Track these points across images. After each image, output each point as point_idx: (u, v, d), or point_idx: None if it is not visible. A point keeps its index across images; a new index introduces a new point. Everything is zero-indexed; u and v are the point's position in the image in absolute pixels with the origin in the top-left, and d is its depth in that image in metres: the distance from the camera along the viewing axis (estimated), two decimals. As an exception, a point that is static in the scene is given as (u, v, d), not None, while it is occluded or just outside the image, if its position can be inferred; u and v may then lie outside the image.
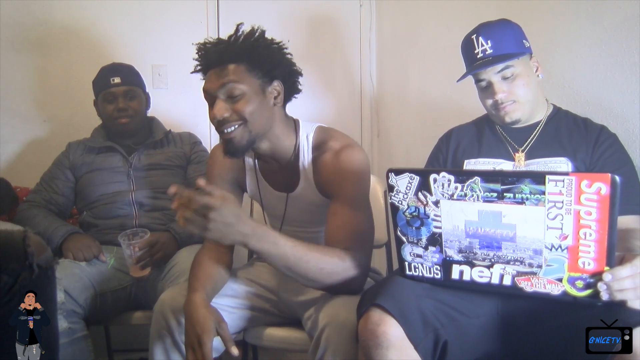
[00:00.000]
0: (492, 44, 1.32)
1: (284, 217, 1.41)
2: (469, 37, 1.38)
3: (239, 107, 1.20)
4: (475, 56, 1.35)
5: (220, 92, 1.21)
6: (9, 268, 0.97)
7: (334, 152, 1.28)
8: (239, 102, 1.21)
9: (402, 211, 1.10)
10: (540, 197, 0.95)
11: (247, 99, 1.21)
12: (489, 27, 1.35)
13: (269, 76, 1.25)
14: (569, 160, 1.30)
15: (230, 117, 1.21)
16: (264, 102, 1.24)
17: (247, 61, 1.22)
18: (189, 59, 2.33)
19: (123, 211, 1.78)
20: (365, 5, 2.53)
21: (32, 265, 0.99)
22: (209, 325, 1.15)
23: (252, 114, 1.21)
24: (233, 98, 1.21)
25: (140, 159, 1.87)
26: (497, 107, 1.36)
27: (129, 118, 1.86)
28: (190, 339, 1.16)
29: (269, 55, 1.25)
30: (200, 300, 1.20)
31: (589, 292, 0.96)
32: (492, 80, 1.34)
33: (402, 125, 2.40)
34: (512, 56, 1.31)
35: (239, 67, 1.22)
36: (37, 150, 2.17)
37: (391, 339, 1.02)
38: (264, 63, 1.24)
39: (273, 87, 1.26)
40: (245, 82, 1.21)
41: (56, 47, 2.21)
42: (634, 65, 1.38)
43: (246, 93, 1.21)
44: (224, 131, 1.22)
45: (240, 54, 1.22)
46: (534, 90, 1.35)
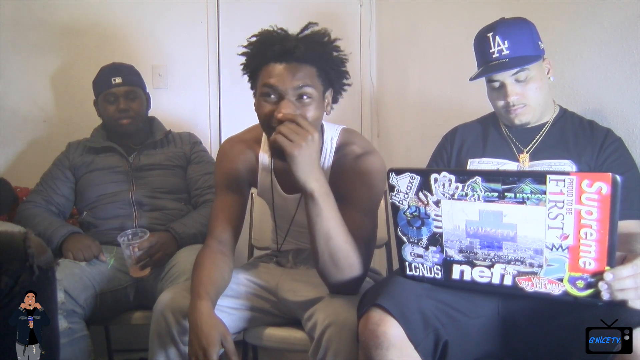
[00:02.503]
0: (509, 44, 1.29)
1: (293, 219, 1.41)
2: (484, 34, 1.34)
3: (306, 111, 1.16)
4: (491, 55, 1.31)
5: (292, 92, 1.16)
6: (9, 269, 0.97)
7: (354, 157, 1.28)
8: (307, 107, 1.16)
9: (403, 211, 1.10)
10: (541, 196, 0.95)
11: (313, 104, 1.17)
12: (507, 26, 1.32)
13: (328, 83, 1.23)
14: (574, 162, 1.29)
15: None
16: (321, 108, 1.21)
17: (318, 65, 1.19)
18: (189, 59, 2.36)
19: (123, 211, 1.78)
20: (365, 5, 2.53)
21: (32, 266, 0.99)
22: (214, 337, 1.12)
23: (315, 120, 1.18)
24: (301, 100, 1.16)
25: (140, 159, 1.86)
26: (508, 109, 1.34)
27: (130, 119, 1.85)
28: (194, 349, 1.13)
29: (336, 64, 1.23)
30: (207, 309, 1.17)
31: (590, 292, 0.96)
32: (505, 82, 1.31)
33: (402, 125, 2.40)
34: (529, 60, 1.28)
35: (311, 70, 1.18)
36: (37, 150, 2.17)
37: (391, 339, 1.02)
38: (330, 71, 1.22)
39: (327, 94, 1.24)
40: (316, 87, 1.18)
41: (56, 47, 2.21)
42: (634, 65, 1.38)
43: (314, 98, 1.18)
44: None
45: (314, 56, 1.18)
46: (545, 94, 1.34)
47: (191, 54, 2.36)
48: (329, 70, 1.21)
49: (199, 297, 1.18)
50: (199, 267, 1.27)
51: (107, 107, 1.85)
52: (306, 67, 1.17)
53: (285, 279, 1.42)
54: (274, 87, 1.16)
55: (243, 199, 1.40)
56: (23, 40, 2.17)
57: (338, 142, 1.33)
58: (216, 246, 1.33)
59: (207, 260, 1.29)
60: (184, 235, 1.69)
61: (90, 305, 1.55)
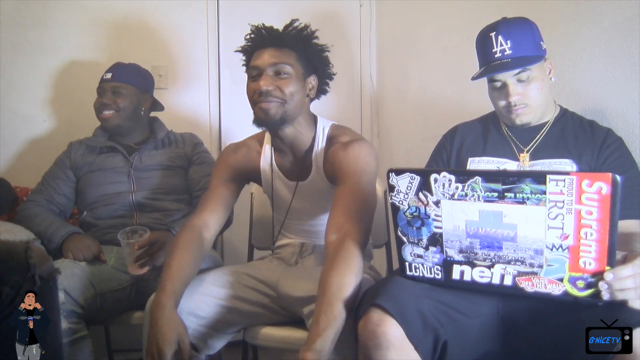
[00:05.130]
0: (512, 44, 1.29)
1: (289, 207, 1.49)
2: (486, 34, 1.34)
3: (282, 85, 1.34)
4: (493, 55, 1.31)
5: (270, 69, 1.35)
6: (11, 280, 0.97)
7: (343, 143, 1.39)
8: (283, 80, 1.35)
9: (403, 211, 1.10)
10: (541, 196, 0.95)
11: (291, 80, 1.36)
12: (509, 26, 1.32)
13: (310, 69, 1.42)
14: (574, 162, 1.29)
15: (273, 91, 1.34)
16: (302, 89, 1.39)
17: (298, 50, 1.39)
18: (189, 59, 2.36)
19: (123, 211, 1.78)
20: (365, 5, 2.53)
21: (34, 276, 0.99)
22: (171, 337, 1.17)
23: (291, 95, 1.36)
24: (279, 75, 1.35)
25: (141, 159, 1.86)
26: (509, 109, 1.34)
27: (112, 112, 1.85)
28: (150, 346, 1.18)
29: (315, 51, 1.42)
30: (169, 307, 1.22)
31: (590, 292, 0.96)
32: (507, 82, 1.31)
33: (402, 125, 2.40)
34: (531, 61, 1.29)
35: (291, 52, 1.38)
36: (37, 150, 2.17)
37: (391, 339, 1.02)
38: (310, 56, 1.41)
39: (310, 79, 1.43)
40: (294, 67, 1.37)
41: (56, 47, 2.20)
42: (634, 65, 1.38)
43: (292, 75, 1.36)
44: (263, 101, 1.34)
45: (294, 42, 1.38)
46: (546, 94, 1.34)
47: (191, 54, 2.36)
48: (309, 56, 1.41)
49: (164, 292, 1.24)
50: (172, 253, 1.33)
51: (95, 101, 1.88)
52: (286, 50, 1.38)
53: (287, 275, 1.43)
54: (256, 67, 1.36)
55: (235, 191, 1.51)
56: (23, 40, 2.17)
57: (329, 133, 1.46)
58: (198, 227, 1.40)
59: (182, 243, 1.35)
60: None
61: (90, 305, 1.55)
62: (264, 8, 2.41)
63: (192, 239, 1.38)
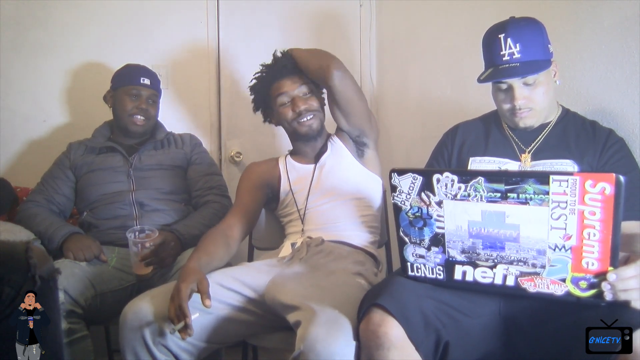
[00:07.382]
0: (521, 47, 1.24)
1: (310, 187, 1.64)
2: (495, 35, 1.29)
3: (312, 101, 1.64)
4: (501, 58, 1.27)
5: (298, 92, 1.62)
6: (11, 280, 0.97)
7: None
8: (311, 97, 1.64)
9: (405, 211, 1.10)
10: (544, 197, 0.95)
11: (314, 96, 1.65)
12: (519, 28, 1.27)
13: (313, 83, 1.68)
14: (575, 162, 1.28)
15: (309, 108, 1.62)
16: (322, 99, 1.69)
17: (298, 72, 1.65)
18: (189, 59, 2.36)
19: (123, 211, 1.78)
20: (365, 5, 2.53)
21: (34, 277, 0.98)
22: (190, 279, 1.28)
23: (320, 106, 1.67)
24: (305, 95, 1.63)
25: (140, 159, 1.86)
26: (513, 112, 1.31)
27: (145, 120, 1.88)
28: (173, 291, 1.28)
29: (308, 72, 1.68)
30: (193, 263, 1.35)
31: (593, 292, 0.96)
32: (513, 85, 1.28)
33: (402, 125, 2.40)
34: (540, 67, 1.25)
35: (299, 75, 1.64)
36: (37, 150, 2.17)
37: (392, 339, 1.02)
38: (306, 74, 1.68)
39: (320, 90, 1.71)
40: (308, 85, 1.65)
41: (56, 47, 2.20)
42: (634, 65, 1.38)
43: (313, 91, 1.65)
44: (305, 119, 1.62)
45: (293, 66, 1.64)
46: (551, 97, 1.32)
47: (191, 54, 2.36)
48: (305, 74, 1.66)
49: (190, 261, 1.37)
50: (201, 242, 1.48)
51: (127, 102, 1.87)
52: (295, 75, 1.64)
53: (279, 276, 1.41)
54: (287, 93, 1.62)
55: (259, 201, 1.68)
56: (23, 40, 2.16)
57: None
58: (225, 229, 1.54)
59: (211, 236, 1.50)
60: (188, 236, 1.68)
61: (90, 305, 1.54)
62: (264, 8, 2.41)
63: (216, 233, 1.51)
